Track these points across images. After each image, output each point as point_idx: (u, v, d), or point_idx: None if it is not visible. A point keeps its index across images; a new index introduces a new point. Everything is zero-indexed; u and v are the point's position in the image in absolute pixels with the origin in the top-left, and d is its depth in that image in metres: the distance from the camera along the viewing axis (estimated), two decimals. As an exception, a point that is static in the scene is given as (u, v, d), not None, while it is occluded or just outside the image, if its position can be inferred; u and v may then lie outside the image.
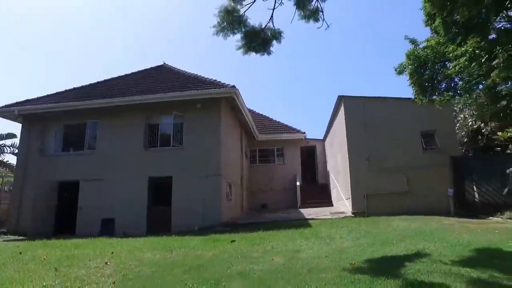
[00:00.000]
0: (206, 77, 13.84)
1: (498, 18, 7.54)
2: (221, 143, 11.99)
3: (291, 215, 13.12)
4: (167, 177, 11.77)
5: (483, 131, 14.28)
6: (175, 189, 11.64)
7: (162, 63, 17.04)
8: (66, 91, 14.45)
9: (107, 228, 11.44)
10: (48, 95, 14.14)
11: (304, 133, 19.17)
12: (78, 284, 4.60)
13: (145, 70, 16.48)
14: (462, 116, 15.14)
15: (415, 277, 4.28)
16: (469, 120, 14.83)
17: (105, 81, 15.30)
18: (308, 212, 13.57)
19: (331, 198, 17.12)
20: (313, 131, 52.89)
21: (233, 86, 12.00)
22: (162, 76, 15.11)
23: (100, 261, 6.08)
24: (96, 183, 12.13)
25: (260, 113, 21.23)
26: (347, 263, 5.22)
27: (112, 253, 6.90)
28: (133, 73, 16.01)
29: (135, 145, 12.32)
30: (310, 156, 20.58)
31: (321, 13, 7.57)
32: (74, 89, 14.60)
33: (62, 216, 12.66)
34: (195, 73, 14.73)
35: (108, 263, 5.86)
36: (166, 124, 12.53)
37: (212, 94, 11.97)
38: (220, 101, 12.29)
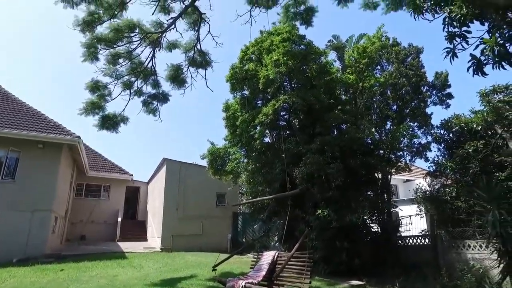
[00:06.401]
0: (49, 117, 14.84)
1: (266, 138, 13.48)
2: (57, 182, 13.41)
3: (110, 248, 15.60)
4: (-10, 209, 12.12)
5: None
6: (-2, 222, 12.05)
7: (-6, 84, 16.72)
8: None
9: None
10: None
11: (132, 175, 22.01)
12: None
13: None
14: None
15: (183, 287, 8.48)
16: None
17: None
18: (125, 246, 16.37)
19: (147, 234, 20.31)
20: (140, 171, 57.07)
21: (78, 136, 13.83)
22: (-3, 102, 15.11)
23: None
24: None
25: (94, 149, 22.65)
26: (149, 282, 8.90)
27: None
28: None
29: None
30: (134, 195, 23.40)
31: (158, 112, 11.87)
32: None
33: None
34: (35, 108, 15.50)
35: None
36: (-2, 156, 12.92)
37: (58, 140, 13.47)
38: (62, 145, 13.91)
